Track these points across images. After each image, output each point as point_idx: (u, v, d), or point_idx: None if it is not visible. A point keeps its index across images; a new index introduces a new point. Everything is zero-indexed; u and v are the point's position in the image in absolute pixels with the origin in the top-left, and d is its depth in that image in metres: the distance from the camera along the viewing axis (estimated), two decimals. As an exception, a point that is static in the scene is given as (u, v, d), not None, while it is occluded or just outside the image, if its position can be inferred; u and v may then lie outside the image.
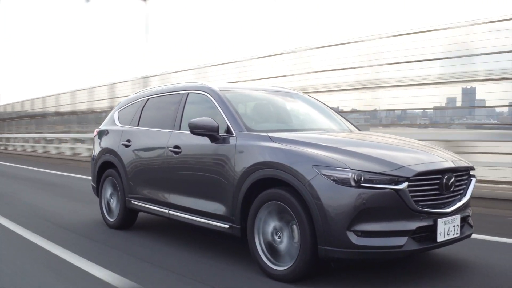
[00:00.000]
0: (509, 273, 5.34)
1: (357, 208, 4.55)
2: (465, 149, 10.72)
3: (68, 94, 28.72)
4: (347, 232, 4.57)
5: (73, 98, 28.20)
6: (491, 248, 6.33)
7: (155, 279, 5.20)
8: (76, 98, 27.78)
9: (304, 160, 4.91)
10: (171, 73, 19.56)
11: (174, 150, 6.41)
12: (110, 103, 23.66)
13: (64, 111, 29.50)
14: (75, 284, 5.10)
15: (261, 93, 7.12)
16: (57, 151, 27.67)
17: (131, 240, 6.95)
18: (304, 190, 4.76)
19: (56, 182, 14.93)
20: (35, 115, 33.56)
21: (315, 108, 7.27)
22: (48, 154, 27.87)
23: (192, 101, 6.68)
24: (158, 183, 6.80)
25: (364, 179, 4.60)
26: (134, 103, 7.97)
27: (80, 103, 27.27)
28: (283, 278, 4.97)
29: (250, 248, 5.33)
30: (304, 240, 4.77)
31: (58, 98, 29.89)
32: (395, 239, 4.64)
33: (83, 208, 9.63)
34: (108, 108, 22.72)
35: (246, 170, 5.38)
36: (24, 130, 34.90)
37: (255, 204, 5.27)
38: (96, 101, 25.42)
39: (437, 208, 4.91)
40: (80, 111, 27.57)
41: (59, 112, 30.17)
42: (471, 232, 5.48)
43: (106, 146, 8.02)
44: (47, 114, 31.80)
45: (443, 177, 4.98)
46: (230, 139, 5.71)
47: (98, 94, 25.23)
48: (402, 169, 4.72)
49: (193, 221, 6.16)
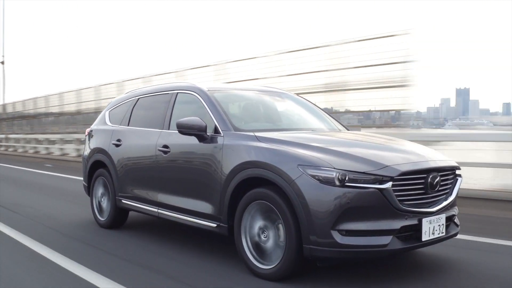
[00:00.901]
0: (492, 272, 5.34)
1: (341, 207, 4.55)
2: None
3: (57, 96, 28.96)
4: (331, 231, 4.56)
5: (61, 99, 28.42)
6: (476, 248, 6.32)
7: (142, 280, 5.17)
8: (64, 99, 28.05)
9: (290, 159, 4.90)
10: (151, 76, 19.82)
11: (163, 150, 6.41)
12: (96, 104, 23.95)
13: (54, 112, 29.73)
14: (61, 285, 5.07)
15: (250, 93, 7.12)
16: (47, 151, 27.87)
17: (121, 240, 6.93)
18: (289, 190, 4.76)
19: (46, 182, 14.93)
20: (26, 116, 33.71)
21: (304, 108, 7.26)
22: (38, 154, 28.02)
23: (181, 101, 6.67)
24: (147, 182, 6.79)
25: (349, 179, 4.59)
26: (124, 103, 7.96)
27: (68, 104, 27.56)
28: (270, 277, 4.97)
29: (237, 247, 5.33)
30: (289, 239, 4.76)
31: (48, 100, 30.09)
32: (379, 238, 4.64)
33: (72, 207, 9.61)
34: (95, 110, 23.00)
35: (232, 170, 5.38)
36: (17, 130, 35.03)
37: (241, 203, 5.27)
38: (84, 103, 25.65)
39: (422, 208, 4.91)
40: (68, 112, 27.84)
41: (49, 113, 30.40)
42: (457, 231, 5.47)
43: (97, 145, 8.01)
44: (38, 115, 31.99)
45: (428, 176, 4.97)
46: (218, 138, 5.71)
47: (86, 95, 25.47)
48: (386, 169, 4.72)
49: (182, 220, 6.15)
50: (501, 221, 8.24)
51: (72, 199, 10.64)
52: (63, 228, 7.67)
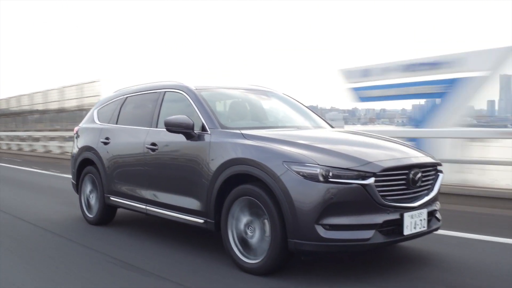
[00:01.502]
0: (471, 266, 5.46)
1: (325, 202, 4.64)
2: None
3: (40, 94, 29.16)
4: (315, 225, 4.65)
5: (45, 97, 28.66)
6: (458, 244, 6.42)
7: (129, 278, 5.22)
8: (48, 97, 28.29)
9: (275, 156, 4.99)
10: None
11: (151, 147, 6.46)
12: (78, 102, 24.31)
13: (38, 110, 29.86)
14: (50, 284, 5.10)
15: (237, 92, 7.17)
16: (31, 148, 28.04)
17: (109, 237, 7.00)
18: (275, 186, 4.84)
19: (30, 179, 14.92)
20: (10, 113, 33.72)
21: (290, 106, 7.35)
22: (22, 151, 28.11)
23: (169, 100, 6.73)
24: (136, 179, 6.85)
25: (332, 175, 4.68)
26: (113, 102, 8.00)
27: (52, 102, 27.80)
28: (256, 271, 5.05)
29: (224, 242, 5.40)
30: (274, 234, 4.85)
31: (32, 97, 30.18)
32: (362, 232, 4.74)
33: (56, 204, 9.65)
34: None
35: (219, 167, 5.45)
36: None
37: (228, 199, 5.34)
38: (66, 100, 25.91)
39: (404, 203, 5.01)
40: (52, 109, 28.06)
41: (33, 110, 30.52)
42: (439, 226, 5.58)
43: (86, 143, 8.04)
44: (22, 112, 32.04)
45: (410, 172, 5.07)
46: (205, 136, 5.77)
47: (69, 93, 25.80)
48: (369, 165, 4.81)
49: (170, 217, 6.21)
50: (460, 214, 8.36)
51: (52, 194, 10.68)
52: (49, 225, 7.73)
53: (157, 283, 4.99)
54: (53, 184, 13.52)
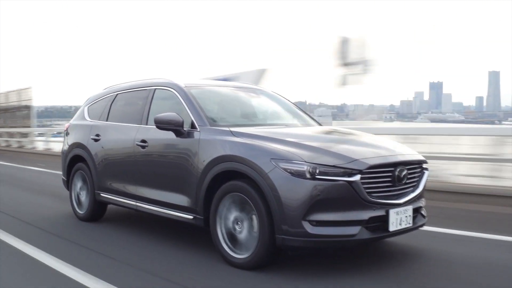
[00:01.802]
0: (458, 261, 5.55)
1: (312, 199, 4.71)
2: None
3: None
4: (302, 221, 4.72)
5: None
6: (444, 240, 6.50)
7: (119, 274, 5.25)
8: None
9: (263, 153, 5.05)
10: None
11: (141, 144, 6.50)
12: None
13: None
14: (40, 281, 5.13)
15: (227, 89, 7.21)
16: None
17: (99, 234, 7.04)
18: (262, 182, 4.91)
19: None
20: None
21: (279, 104, 7.40)
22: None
23: (159, 97, 6.77)
24: (126, 176, 6.89)
25: (319, 172, 4.75)
26: (103, 99, 8.02)
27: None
28: (244, 266, 5.11)
29: (213, 238, 5.46)
30: (262, 230, 4.91)
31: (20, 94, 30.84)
32: (348, 228, 4.82)
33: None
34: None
35: (208, 163, 5.50)
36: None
37: (217, 195, 5.39)
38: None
39: (389, 199, 5.08)
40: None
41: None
42: (424, 222, 5.66)
43: (76, 140, 8.06)
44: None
45: (395, 169, 5.15)
46: (194, 133, 5.82)
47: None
48: (355, 162, 4.89)
49: (160, 213, 6.26)
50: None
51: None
52: (39, 222, 7.76)
53: (145, 278, 5.04)
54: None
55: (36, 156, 23.30)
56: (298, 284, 4.74)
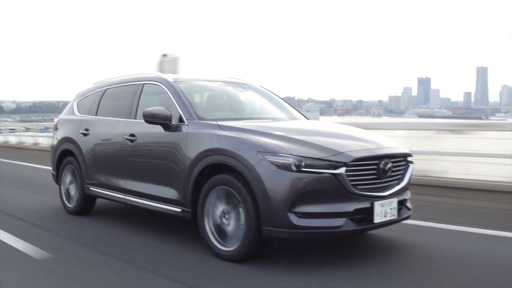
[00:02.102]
0: (440, 253, 5.64)
1: (298, 191, 4.77)
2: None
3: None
4: (288, 213, 4.78)
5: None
6: (427, 233, 6.57)
7: (107, 267, 5.29)
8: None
9: (249, 146, 5.10)
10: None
11: (130, 138, 6.53)
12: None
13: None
14: (29, 274, 5.15)
15: (215, 84, 7.24)
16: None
17: (88, 227, 7.09)
18: (249, 175, 4.95)
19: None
20: None
21: (266, 98, 7.45)
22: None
23: (148, 92, 6.80)
24: (114, 170, 6.92)
25: (305, 164, 4.81)
26: (92, 94, 8.03)
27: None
28: (231, 258, 5.17)
29: (201, 230, 5.50)
30: (249, 222, 4.97)
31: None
32: (333, 220, 4.88)
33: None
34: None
35: (196, 157, 5.54)
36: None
37: (205, 188, 5.43)
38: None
39: (374, 192, 5.15)
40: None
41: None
42: (409, 215, 5.73)
43: (66, 135, 8.08)
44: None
45: (380, 162, 5.21)
46: (182, 127, 5.86)
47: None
48: (340, 155, 4.95)
49: (148, 206, 6.29)
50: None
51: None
52: (28, 216, 7.78)
53: (132, 271, 5.09)
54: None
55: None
56: (284, 277, 4.80)
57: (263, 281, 4.71)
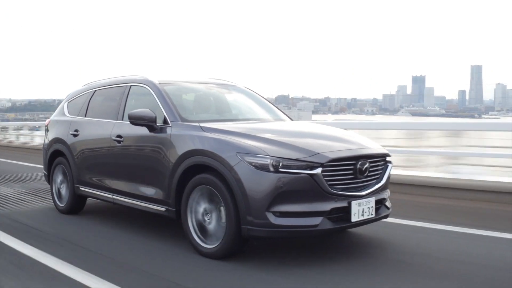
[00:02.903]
0: (423, 251, 5.75)
1: (275, 191, 4.88)
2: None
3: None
4: (266, 212, 4.90)
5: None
6: (409, 231, 6.66)
7: (96, 263, 5.39)
8: None
9: (229, 148, 5.21)
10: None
11: (117, 139, 6.63)
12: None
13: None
14: (21, 271, 5.27)
15: (200, 86, 7.34)
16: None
17: (78, 226, 7.20)
18: (229, 175, 5.07)
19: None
20: None
21: (252, 100, 7.54)
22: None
23: (134, 93, 6.91)
24: (103, 170, 7.03)
25: (282, 165, 4.92)
26: (82, 95, 8.14)
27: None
28: (212, 255, 5.28)
29: (184, 228, 5.61)
30: (229, 221, 5.08)
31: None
32: (310, 219, 4.99)
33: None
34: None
35: (179, 157, 5.65)
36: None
37: (187, 188, 5.55)
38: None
39: (351, 191, 5.25)
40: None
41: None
42: (388, 214, 5.83)
43: (56, 135, 8.18)
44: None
45: (357, 163, 5.30)
46: (167, 129, 5.96)
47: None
48: (316, 156, 5.05)
49: (135, 205, 6.41)
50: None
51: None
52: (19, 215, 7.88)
53: (119, 268, 5.22)
54: None
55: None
56: (264, 274, 4.90)
57: (250, 278, 4.83)
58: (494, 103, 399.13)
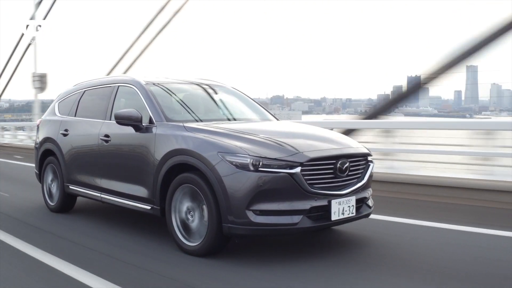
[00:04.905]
0: (405, 247, 5.81)
1: (255, 189, 4.93)
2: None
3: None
4: (246, 211, 4.95)
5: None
6: (389, 227, 6.71)
7: (85, 258, 5.46)
8: None
9: (211, 147, 5.25)
10: None
11: (105, 139, 6.67)
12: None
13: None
14: (14, 266, 5.34)
15: (187, 86, 7.34)
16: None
17: (69, 224, 7.24)
18: (210, 174, 5.12)
19: None
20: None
21: (238, 99, 7.57)
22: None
23: (122, 94, 6.95)
24: (91, 169, 7.07)
25: (262, 164, 4.97)
26: (72, 95, 8.16)
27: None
28: (195, 253, 5.33)
29: (168, 226, 5.66)
30: (211, 219, 5.13)
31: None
32: (290, 217, 5.03)
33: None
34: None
35: (163, 157, 5.69)
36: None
37: (171, 187, 5.60)
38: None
39: (331, 190, 5.28)
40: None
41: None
42: (369, 212, 5.86)
43: (47, 135, 8.22)
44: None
45: (337, 162, 5.34)
46: (152, 128, 6.00)
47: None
48: (296, 155, 5.09)
49: (121, 204, 6.46)
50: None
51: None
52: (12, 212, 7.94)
53: (107, 261, 5.29)
54: None
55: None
56: (249, 271, 4.96)
57: (242, 274, 4.91)
58: (489, 103, 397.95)
